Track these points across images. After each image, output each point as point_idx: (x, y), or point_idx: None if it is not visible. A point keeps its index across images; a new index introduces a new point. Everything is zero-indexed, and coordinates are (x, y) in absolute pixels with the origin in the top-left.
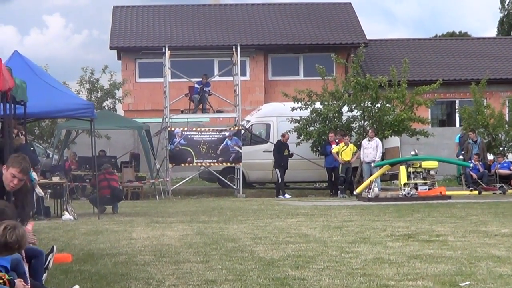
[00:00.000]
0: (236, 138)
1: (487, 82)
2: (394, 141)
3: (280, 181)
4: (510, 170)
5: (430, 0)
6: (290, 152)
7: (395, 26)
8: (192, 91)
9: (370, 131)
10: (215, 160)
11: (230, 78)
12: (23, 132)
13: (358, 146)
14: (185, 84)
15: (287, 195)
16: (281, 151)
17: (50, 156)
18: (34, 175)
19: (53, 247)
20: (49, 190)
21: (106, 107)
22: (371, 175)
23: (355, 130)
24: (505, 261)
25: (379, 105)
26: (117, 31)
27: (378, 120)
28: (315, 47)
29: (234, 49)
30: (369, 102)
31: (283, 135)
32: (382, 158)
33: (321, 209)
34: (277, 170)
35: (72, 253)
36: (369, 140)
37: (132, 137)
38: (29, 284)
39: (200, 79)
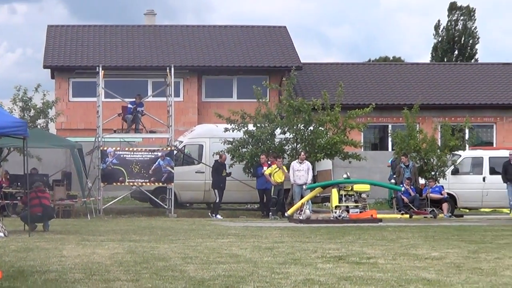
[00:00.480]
0: (168, 158)
1: (419, 107)
2: (326, 163)
3: (218, 200)
4: (441, 194)
5: (365, 25)
6: (227, 172)
7: (329, 50)
8: (125, 111)
9: (302, 153)
10: (147, 180)
11: (164, 99)
12: None
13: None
14: (119, 104)
15: (218, 216)
16: (219, 172)
17: None
18: None
19: None
20: None
21: (39, 126)
22: (302, 197)
23: (288, 153)
24: (434, 284)
25: (312, 128)
26: (51, 50)
27: (310, 143)
28: (249, 69)
29: (168, 70)
30: (302, 125)
31: (220, 156)
32: (314, 181)
33: (252, 230)
34: (215, 190)
35: (2, 270)
36: (300, 163)
37: (64, 155)
38: None
39: (134, 99)
